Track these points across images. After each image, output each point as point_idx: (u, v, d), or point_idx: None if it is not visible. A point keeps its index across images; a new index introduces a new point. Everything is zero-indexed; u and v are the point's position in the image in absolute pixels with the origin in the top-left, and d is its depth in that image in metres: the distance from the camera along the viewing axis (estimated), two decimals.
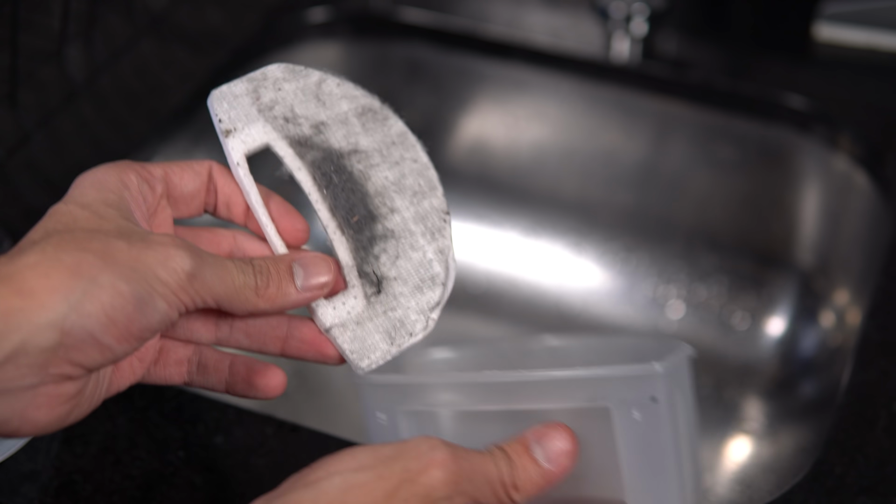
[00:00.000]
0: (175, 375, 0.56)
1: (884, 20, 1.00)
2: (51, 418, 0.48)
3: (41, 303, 0.46)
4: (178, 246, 0.49)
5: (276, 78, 0.58)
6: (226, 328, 0.56)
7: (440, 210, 0.57)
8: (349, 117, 0.58)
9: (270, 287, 0.53)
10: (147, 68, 0.96)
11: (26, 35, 0.90)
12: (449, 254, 0.57)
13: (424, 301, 0.56)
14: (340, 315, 0.55)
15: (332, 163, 0.57)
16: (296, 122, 0.57)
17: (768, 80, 1.00)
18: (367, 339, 0.55)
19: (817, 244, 0.99)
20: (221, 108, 0.57)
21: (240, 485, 0.64)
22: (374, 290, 0.56)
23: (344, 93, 0.58)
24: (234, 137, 0.56)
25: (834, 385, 0.89)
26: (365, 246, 0.56)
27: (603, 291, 1.04)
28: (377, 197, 0.57)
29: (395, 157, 0.58)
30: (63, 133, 0.89)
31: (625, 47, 1.01)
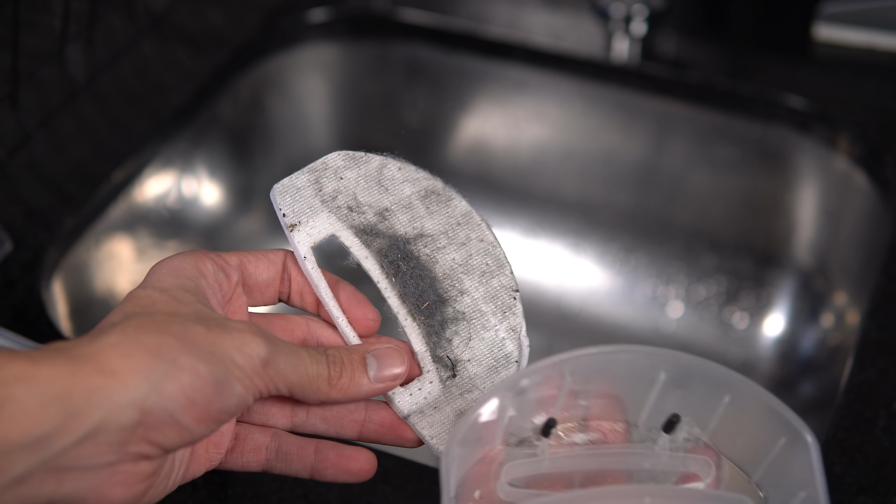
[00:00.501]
0: (253, 462, 0.57)
1: (883, 20, 1.00)
2: (126, 497, 0.49)
3: (123, 382, 0.46)
4: (255, 332, 0.50)
5: (337, 167, 0.58)
6: (302, 413, 0.57)
7: (510, 288, 0.58)
8: (413, 201, 0.58)
9: (343, 378, 0.53)
10: (147, 68, 0.96)
11: (27, 35, 0.90)
12: (521, 331, 0.57)
13: (499, 380, 0.57)
14: (418, 401, 0.56)
15: (399, 249, 0.57)
16: (360, 211, 0.57)
17: (768, 80, 1.00)
18: (445, 423, 0.56)
19: (817, 244, 0.99)
20: (285, 202, 0.57)
21: (240, 485, 0.64)
22: (449, 374, 0.56)
23: (406, 176, 0.59)
24: (299, 231, 0.57)
25: (833, 385, 0.89)
26: (437, 331, 0.56)
27: (603, 291, 1.04)
28: (446, 280, 0.57)
29: (461, 238, 0.58)
30: (64, 133, 0.89)
31: (625, 47, 1.01)
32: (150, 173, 0.92)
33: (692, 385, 0.56)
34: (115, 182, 0.87)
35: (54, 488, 0.46)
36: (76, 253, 0.84)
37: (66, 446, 0.46)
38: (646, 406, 0.57)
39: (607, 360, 0.56)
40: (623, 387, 0.57)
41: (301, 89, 1.07)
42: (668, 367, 0.56)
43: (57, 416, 0.45)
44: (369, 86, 1.09)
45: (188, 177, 0.97)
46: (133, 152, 0.89)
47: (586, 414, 0.58)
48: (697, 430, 0.57)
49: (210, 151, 0.99)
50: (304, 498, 0.64)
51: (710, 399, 0.56)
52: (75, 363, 0.46)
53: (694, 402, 0.56)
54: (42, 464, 0.46)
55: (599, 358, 0.56)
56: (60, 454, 0.46)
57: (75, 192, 0.85)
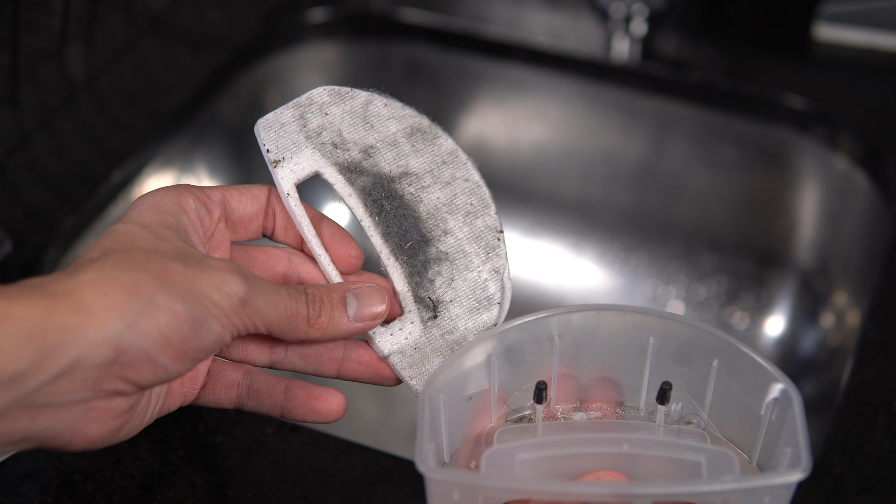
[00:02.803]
0: (225, 399, 0.57)
1: (883, 20, 1.00)
2: (102, 433, 0.49)
3: (98, 320, 0.47)
4: (233, 271, 0.50)
5: (323, 102, 0.57)
6: (280, 350, 0.57)
7: (494, 228, 0.57)
8: (398, 139, 0.58)
9: (322, 317, 0.53)
10: (147, 68, 0.96)
11: (27, 35, 0.90)
12: (504, 273, 0.57)
13: (481, 322, 0.56)
14: (398, 341, 0.56)
15: (383, 188, 0.56)
16: (344, 148, 0.57)
17: (768, 80, 1.00)
18: (425, 363, 0.56)
19: (817, 244, 0.99)
20: (269, 138, 0.56)
21: (240, 485, 0.64)
22: (430, 315, 0.56)
23: (392, 113, 0.58)
24: (282, 167, 0.56)
25: (833, 385, 0.89)
26: (419, 271, 0.56)
27: (603, 291, 1.04)
28: (430, 220, 0.57)
29: (447, 177, 0.57)
30: (63, 133, 0.89)
31: (625, 47, 1.01)
32: (149, 173, 0.92)
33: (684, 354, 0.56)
34: (114, 182, 0.87)
35: (29, 425, 0.47)
36: (76, 253, 0.84)
37: (40, 383, 0.46)
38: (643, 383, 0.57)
39: (595, 320, 0.56)
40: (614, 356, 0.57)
41: (301, 89, 1.07)
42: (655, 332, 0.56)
43: (32, 354, 0.45)
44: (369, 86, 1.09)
45: (188, 177, 0.97)
46: (133, 152, 0.89)
47: (584, 396, 0.58)
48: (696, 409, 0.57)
49: (210, 151, 0.99)
50: (304, 498, 0.64)
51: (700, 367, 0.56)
52: (50, 300, 0.46)
53: (687, 374, 0.56)
54: (17, 401, 0.46)
55: (587, 318, 0.55)
56: (35, 391, 0.46)
57: (75, 192, 0.85)
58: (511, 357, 0.56)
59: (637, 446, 0.53)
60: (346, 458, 0.66)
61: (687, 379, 0.56)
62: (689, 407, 0.57)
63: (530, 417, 0.57)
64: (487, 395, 0.56)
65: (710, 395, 0.56)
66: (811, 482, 0.65)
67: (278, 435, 0.67)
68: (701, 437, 0.56)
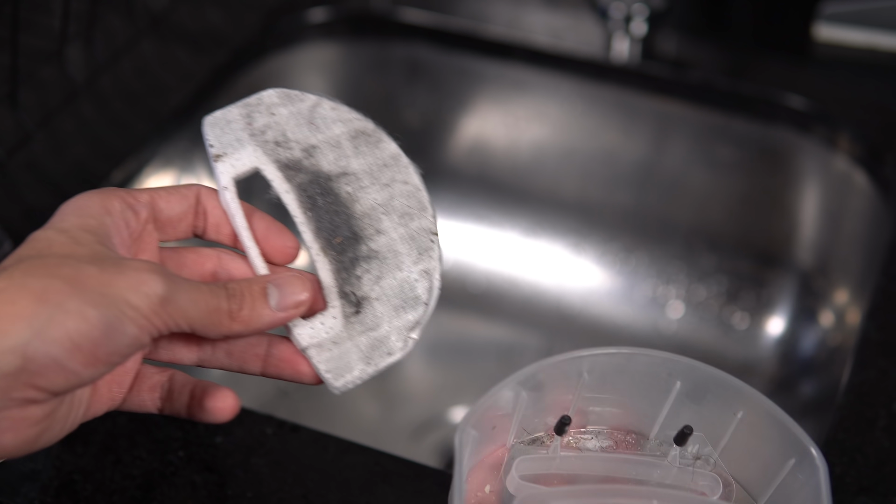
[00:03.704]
0: (148, 402, 0.56)
1: (883, 20, 1.00)
2: (17, 441, 0.49)
3: (3, 329, 0.46)
4: (152, 271, 0.50)
5: (272, 103, 0.58)
6: (208, 349, 0.56)
7: (429, 231, 0.57)
8: (341, 141, 0.58)
9: (244, 310, 0.52)
10: (147, 68, 0.96)
11: (27, 35, 0.90)
12: (434, 274, 0.56)
13: (405, 321, 0.56)
14: (318, 335, 0.55)
15: (319, 185, 0.57)
16: (287, 146, 0.57)
17: (768, 80, 1.00)
18: (343, 358, 0.55)
19: (817, 244, 0.99)
20: (213, 134, 0.57)
21: (240, 485, 0.64)
22: (353, 310, 0.56)
23: (338, 116, 0.59)
24: (223, 162, 0.57)
25: (833, 385, 0.89)
26: (347, 267, 0.56)
27: (603, 291, 1.04)
28: (364, 218, 0.57)
29: (386, 179, 0.58)
30: (63, 133, 0.89)
31: (625, 47, 1.01)
32: (149, 173, 0.92)
33: (706, 398, 0.56)
34: (114, 182, 0.87)
35: None
36: None
37: None
38: (659, 417, 0.57)
39: (625, 361, 0.56)
40: (638, 393, 0.57)
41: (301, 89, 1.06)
42: (683, 377, 0.56)
43: None
44: (369, 86, 1.09)
45: (188, 177, 0.97)
46: (132, 152, 0.89)
47: (599, 421, 0.58)
48: (709, 449, 0.57)
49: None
50: (304, 498, 0.64)
51: (723, 414, 0.56)
52: None
53: (707, 416, 0.56)
54: None
55: (617, 358, 0.55)
56: None
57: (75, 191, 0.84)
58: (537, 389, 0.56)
59: (666, 501, 0.53)
60: (346, 458, 0.66)
61: (704, 418, 0.56)
62: (701, 445, 0.57)
63: (543, 440, 0.57)
64: (506, 421, 0.56)
65: (726, 440, 0.56)
66: None
67: (278, 435, 0.67)
68: (713, 481, 0.56)
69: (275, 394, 0.97)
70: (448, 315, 1.06)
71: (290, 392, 0.98)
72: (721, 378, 0.55)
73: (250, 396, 0.95)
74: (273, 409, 0.92)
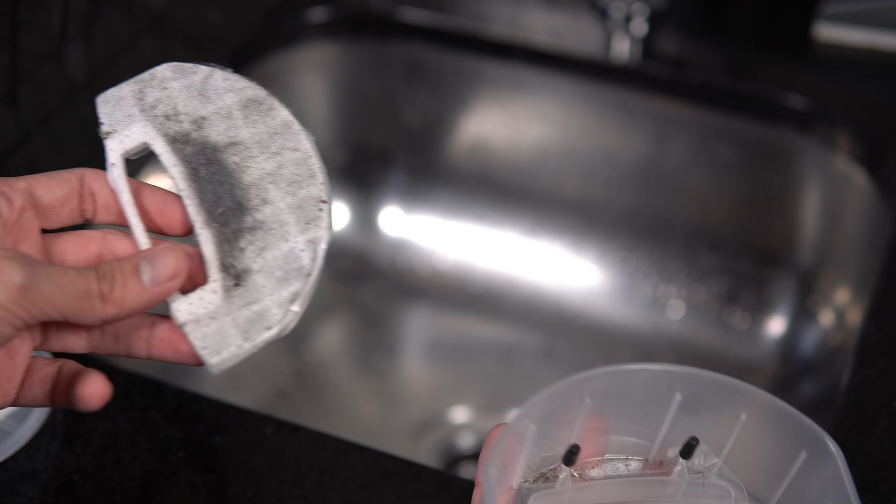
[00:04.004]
0: (40, 395, 0.54)
1: (884, 20, 1.00)
2: None
3: None
4: (9, 258, 0.48)
5: (164, 77, 0.58)
6: (97, 334, 0.54)
7: (317, 199, 0.55)
8: (232, 110, 0.57)
9: (116, 290, 0.50)
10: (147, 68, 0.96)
11: (26, 34, 0.90)
12: (320, 244, 0.54)
13: (287, 293, 0.53)
14: (196, 310, 0.53)
15: (205, 156, 0.55)
16: (177, 119, 0.56)
17: (768, 79, 1.00)
18: (220, 333, 0.53)
19: (817, 244, 0.99)
20: (105, 112, 0.56)
21: (240, 485, 0.64)
22: (233, 283, 0.53)
23: (230, 86, 0.57)
24: (112, 139, 0.55)
25: (834, 385, 0.89)
26: (229, 239, 0.54)
27: (603, 291, 1.04)
28: (251, 188, 0.55)
29: (276, 147, 0.56)
30: (63, 132, 0.89)
31: (625, 47, 1.01)
32: (149, 172, 0.92)
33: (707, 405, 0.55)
34: None
35: None
36: None
37: None
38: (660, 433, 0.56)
39: (625, 379, 0.55)
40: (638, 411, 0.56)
41: (301, 89, 1.07)
42: (682, 387, 0.55)
43: None
44: (369, 85, 1.09)
45: None
46: None
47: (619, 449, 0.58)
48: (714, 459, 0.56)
49: None
50: (304, 498, 0.64)
51: (724, 420, 0.55)
52: None
53: (708, 425, 0.56)
54: None
55: (617, 377, 0.54)
56: None
57: None
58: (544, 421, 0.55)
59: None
60: (346, 458, 0.66)
61: (705, 428, 0.56)
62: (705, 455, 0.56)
63: (547, 476, 0.56)
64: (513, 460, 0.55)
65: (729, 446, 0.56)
66: None
67: (278, 435, 0.67)
68: (724, 490, 0.55)
69: (274, 394, 0.97)
70: (448, 315, 1.06)
71: (289, 392, 0.98)
72: (721, 382, 0.55)
73: (250, 396, 0.95)
74: (273, 409, 0.92)
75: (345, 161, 1.09)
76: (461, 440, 0.97)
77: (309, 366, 1.01)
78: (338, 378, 1.01)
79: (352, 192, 1.08)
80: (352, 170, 1.08)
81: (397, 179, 1.09)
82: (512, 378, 1.01)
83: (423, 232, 1.07)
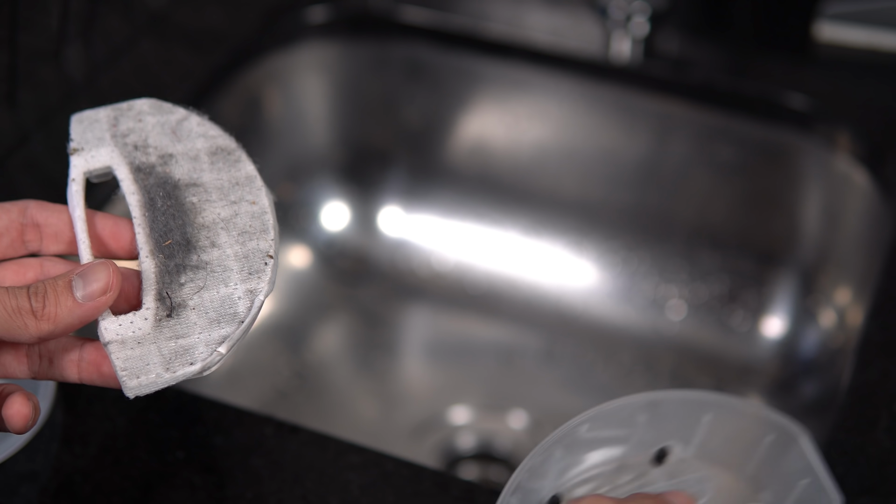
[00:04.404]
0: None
1: (884, 20, 1.00)
2: None
3: None
4: None
5: (141, 110, 0.59)
6: (35, 359, 0.54)
7: (265, 252, 0.56)
8: (200, 154, 0.58)
9: (48, 306, 0.50)
10: (146, 68, 0.96)
11: (25, 34, 0.89)
12: (258, 296, 0.55)
13: (217, 334, 0.54)
14: (124, 332, 0.53)
15: (164, 190, 0.56)
16: (145, 151, 0.58)
17: (769, 79, 0.99)
18: (143, 359, 0.53)
19: (818, 243, 0.99)
20: (77, 130, 0.58)
21: (239, 485, 0.64)
22: (166, 314, 0.54)
23: (202, 132, 0.59)
24: (78, 156, 0.58)
25: (835, 385, 0.89)
26: (171, 271, 0.55)
27: (603, 291, 1.04)
28: (202, 230, 0.56)
29: (235, 196, 0.57)
30: (62, 133, 0.89)
31: (625, 47, 1.01)
32: None
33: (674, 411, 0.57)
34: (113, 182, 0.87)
35: None
36: None
37: None
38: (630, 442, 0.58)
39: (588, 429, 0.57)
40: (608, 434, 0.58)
41: (300, 89, 1.07)
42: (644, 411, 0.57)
43: None
44: (369, 85, 1.09)
45: None
46: None
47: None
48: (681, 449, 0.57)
49: None
50: (304, 498, 0.64)
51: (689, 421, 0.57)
52: None
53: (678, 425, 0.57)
54: None
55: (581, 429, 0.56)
56: None
57: None
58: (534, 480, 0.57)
59: None
60: (346, 459, 0.66)
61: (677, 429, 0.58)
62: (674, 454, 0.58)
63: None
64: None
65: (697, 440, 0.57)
66: None
67: (278, 435, 0.67)
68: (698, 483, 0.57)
69: (274, 394, 0.97)
70: (448, 315, 1.06)
71: (289, 393, 0.98)
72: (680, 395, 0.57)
73: (250, 397, 0.95)
74: (272, 409, 0.92)
75: (345, 161, 1.08)
76: (461, 441, 0.97)
77: (308, 366, 1.01)
78: (337, 378, 1.01)
79: (352, 192, 1.08)
80: (352, 170, 1.08)
81: (397, 179, 1.08)
82: (512, 378, 1.01)
83: (423, 232, 1.07)
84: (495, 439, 0.97)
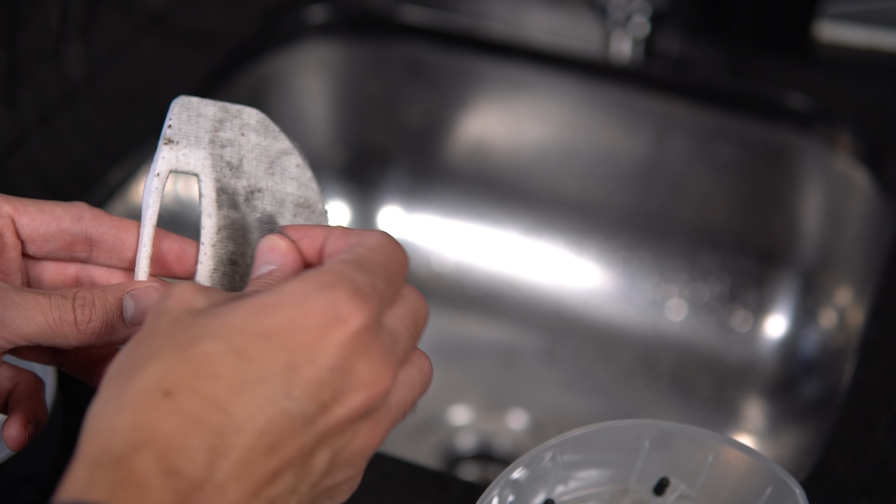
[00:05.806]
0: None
1: (885, 20, 1.00)
2: None
3: None
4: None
5: (247, 123, 0.55)
6: (61, 354, 0.53)
7: None
8: (287, 201, 0.55)
9: (93, 321, 0.49)
10: (146, 68, 0.96)
11: (25, 34, 0.89)
12: None
13: None
14: None
15: (241, 225, 0.54)
16: (236, 174, 0.54)
17: (770, 79, 0.99)
18: None
19: (818, 243, 0.99)
20: (179, 118, 0.54)
21: None
22: None
23: (297, 175, 0.56)
24: (171, 148, 0.54)
25: (835, 385, 0.89)
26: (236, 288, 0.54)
27: (603, 291, 1.04)
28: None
29: None
30: (62, 133, 0.89)
31: (625, 47, 1.01)
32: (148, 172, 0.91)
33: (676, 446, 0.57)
34: (112, 182, 0.87)
35: None
36: None
37: None
38: (634, 471, 0.58)
39: (593, 437, 0.56)
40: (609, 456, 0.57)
41: (300, 88, 1.07)
42: (650, 435, 0.57)
43: None
44: (369, 85, 1.09)
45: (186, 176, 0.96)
46: (131, 151, 0.89)
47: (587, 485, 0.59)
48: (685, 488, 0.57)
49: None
50: None
51: (694, 457, 0.57)
52: None
53: (679, 461, 0.57)
54: None
55: (584, 438, 0.56)
56: None
57: (73, 191, 0.84)
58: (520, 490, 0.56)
59: None
60: None
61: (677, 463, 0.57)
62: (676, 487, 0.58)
63: None
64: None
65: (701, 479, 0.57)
66: (813, 483, 0.65)
67: None
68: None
69: None
70: (448, 315, 1.06)
71: None
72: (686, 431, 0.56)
73: None
74: None
75: (345, 161, 1.08)
76: (461, 441, 0.97)
77: None
78: None
79: (352, 191, 1.08)
80: (352, 169, 1.08)
81: (397, 179, 1.08)
82: (512, 379, 1.01)
83: (423, 232, 1.07)
84: (495, 439, 0.97)
